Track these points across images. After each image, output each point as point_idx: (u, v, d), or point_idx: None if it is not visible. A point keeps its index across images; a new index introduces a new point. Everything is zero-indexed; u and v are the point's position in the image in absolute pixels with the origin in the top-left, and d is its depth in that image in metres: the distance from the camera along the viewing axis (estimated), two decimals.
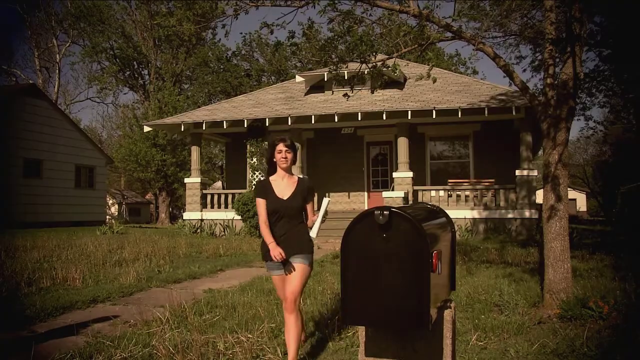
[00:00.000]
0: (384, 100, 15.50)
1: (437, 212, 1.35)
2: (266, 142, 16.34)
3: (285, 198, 3.56)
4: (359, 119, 14.73)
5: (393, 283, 1.09)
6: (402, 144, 14.84)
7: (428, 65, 6.39)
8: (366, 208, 12.15)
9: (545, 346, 4.10)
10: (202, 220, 16.18)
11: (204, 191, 16.56)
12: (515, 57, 12.67)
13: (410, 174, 14.68)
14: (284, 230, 3.56)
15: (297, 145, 15.75)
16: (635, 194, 27.74)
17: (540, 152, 15.60)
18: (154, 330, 4.39)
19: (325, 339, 4.26)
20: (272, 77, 36.80)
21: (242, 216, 15.16)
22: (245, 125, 15.79)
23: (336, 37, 6.42)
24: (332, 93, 13.37)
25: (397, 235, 1.01)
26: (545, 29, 5.95)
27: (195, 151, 16.79)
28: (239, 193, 16.01)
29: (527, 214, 13.70)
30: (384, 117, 14.55)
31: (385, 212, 1.17)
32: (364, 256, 1.08)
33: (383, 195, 14.68)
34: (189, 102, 33.25)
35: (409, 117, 14.42)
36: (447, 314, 1.40)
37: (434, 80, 5.94)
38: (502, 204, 14.07)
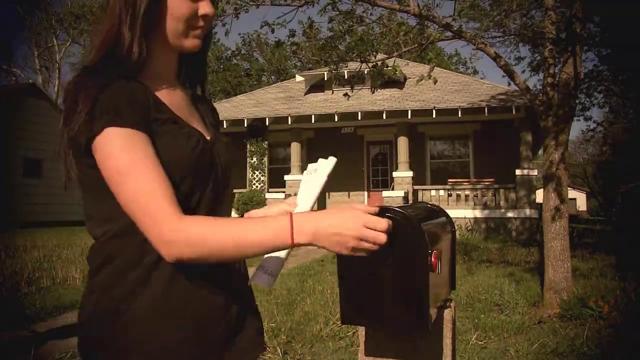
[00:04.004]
0: (384, 99, 15.50)
1: (437, 212, 1.35)
2: (266, 142, 16.35)
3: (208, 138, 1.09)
4: (359, 118, 14.73)
5: (392, 283, 1.09)
6: (402, 143, 14.84)
7: (428, 65, 6.40)
8: None
9: (545, 345, 4.10)
10: None
11: None
12: (514, 58, 12.69)
13: (410, 173, 14.68)
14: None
15: (297, 144, 15.93)
16: (636, 194, 27.74)
17: (540, 152, 15.63)
18: None
19: (325, 339, 4.26)
20: (272, 77, 36.81)
21: (242, 215, 15.19)
22: (245, 125, 15.79)
23: (336, 36, 6.43)
24: (332, 92, 13.35)
25: (397, 235, 1.01)
26: (545, 29, 5.95)
27: None
28: (239, 192, 16.02)
29: (527, 213, 13.70)
30: (384, 117, 14.54)
31: (384, 212, 1.17)
32: (363, 255, 1.08)
33: (383, 195, 14.68)
34: None
35: (409, 117, 14.42)
36: (447, 313, 1.40)
37: (435, 81, 5.95)
38: (502, 203, 14.07)
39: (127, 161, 0.89)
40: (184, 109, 1.08)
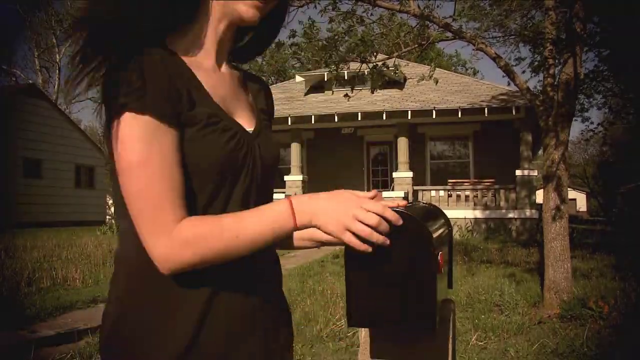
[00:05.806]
0: (384, 100, 15.50)
1: (434, 211, 1.35)
2: None
3: (250, 128, 0.97)
4: (359, 119, 14.73)
5: (399, 285, 1.09)
6: (402, 143, 14.84)
7: (428, 65, 6.40)
8: None
9: (545, 346, 4.10)
10: None
11: None
12: (514, 59, 12.71)
13: (410, 173, 14.68)
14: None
15: (296, 144, 15.91)
16: (635, 194, 27.74)
17: (540, 152, 15.64)
18: None
19: (326, 339, 4.26)
20: (272, 78, 36.81)
21: None
22: None
23: (336, 37, 6.42)
24: (332, 93, 13.35)
25: (402, 236, 1.01)
26: (545, 29, 5.95)
27: None
28: None
29: (527, 213, 13.70)
30: (384, 117, 14.55)
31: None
32: (367, 257, 1.08)
33: (383, 195, 14.66)
34: None
35: (409, 117, 14.43)
36: (447, 314, 1.40)
37: (436, 82, 5.95)
38: (502, 203, 14.07)
39: (140, 156, 0.79)
40: (228, 93, 0.96)
